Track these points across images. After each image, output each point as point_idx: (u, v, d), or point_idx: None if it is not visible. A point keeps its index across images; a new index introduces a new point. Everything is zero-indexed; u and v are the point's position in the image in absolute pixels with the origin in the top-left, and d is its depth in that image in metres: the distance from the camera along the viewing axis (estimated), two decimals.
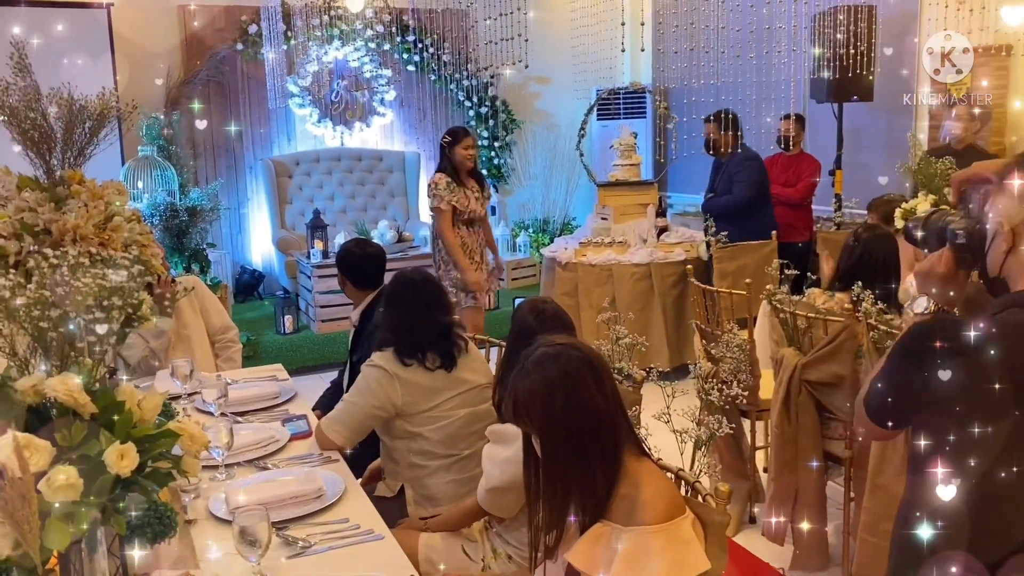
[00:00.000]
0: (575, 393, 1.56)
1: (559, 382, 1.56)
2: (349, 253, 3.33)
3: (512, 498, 2.15)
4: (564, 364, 1.58)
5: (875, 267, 3.15)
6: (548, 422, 1.57)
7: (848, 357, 3.01)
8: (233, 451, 2.35)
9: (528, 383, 1.59)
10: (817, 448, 3.17)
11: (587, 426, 1.57)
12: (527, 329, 2.19)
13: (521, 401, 1.59)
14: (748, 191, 5.29)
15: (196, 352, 3.50)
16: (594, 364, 1.60)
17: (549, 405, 1.56)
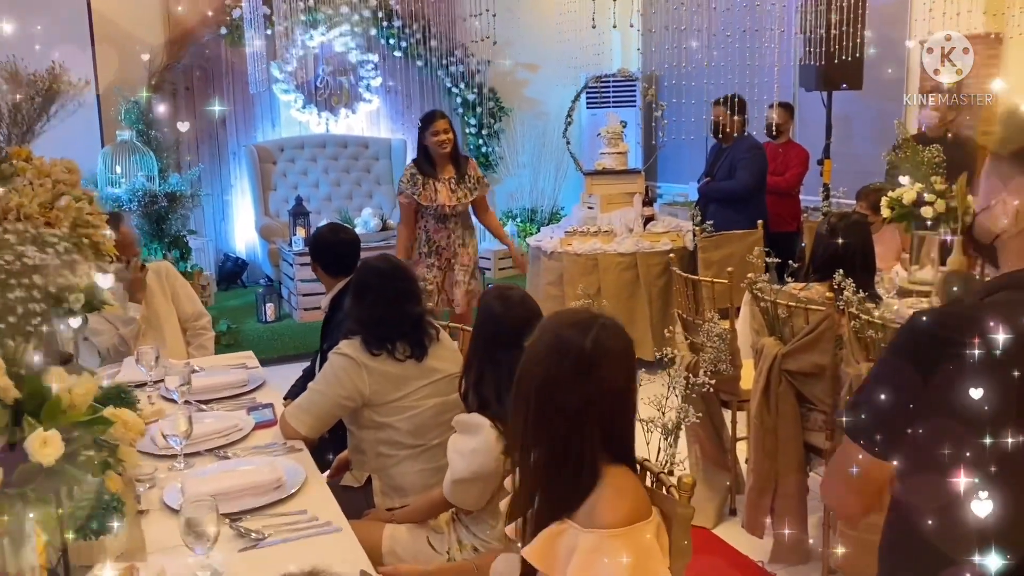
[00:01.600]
0: (556, 384, 1.50)
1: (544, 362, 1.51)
2: (321, 238, 3.27)
3: (478, 490, 2.09)
4: (563, 347, 1.51)
5: (852, 257, 3.10)
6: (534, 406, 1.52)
7: (829, 347, 2.95)
8: (194, 439, 2.29)
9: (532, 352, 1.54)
10: (797, 439, 3.12)
11: (562, 421, 1.50)
12: (492, 315, 2.13)
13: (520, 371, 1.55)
14: (750, 179, 5.25)
15: (167, 339, 3.43)
16: (590, 355, 1.51)
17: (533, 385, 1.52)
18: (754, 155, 5.30)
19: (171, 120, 6.66)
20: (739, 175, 5.28)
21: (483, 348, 2.13)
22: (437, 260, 4.59)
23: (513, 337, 2.08)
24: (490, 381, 2.09)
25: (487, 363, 2.11)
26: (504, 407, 2.05)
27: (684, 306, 3.86)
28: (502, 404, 2.05)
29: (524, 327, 2.10)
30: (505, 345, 2.09)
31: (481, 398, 2.11)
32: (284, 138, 7.22)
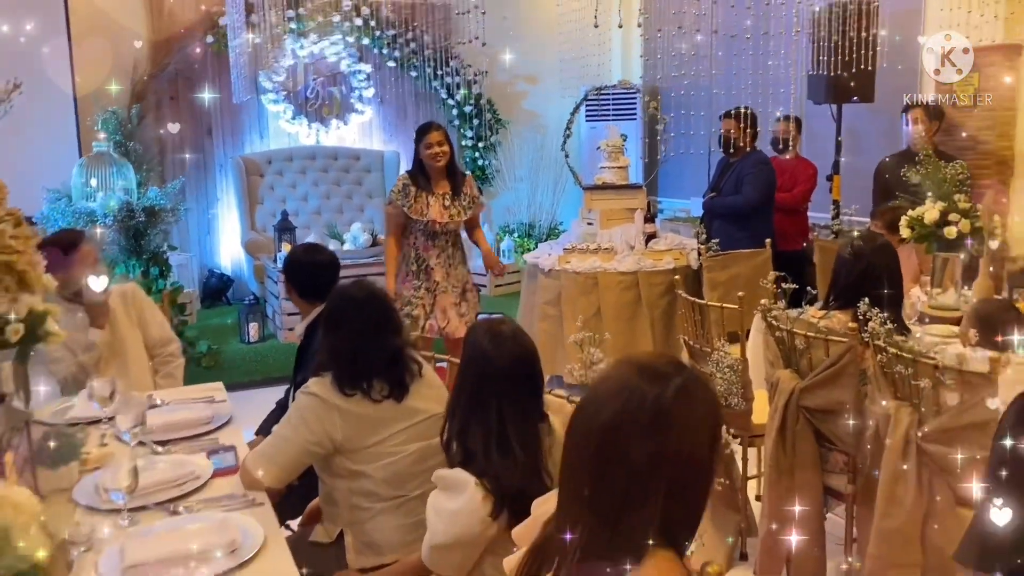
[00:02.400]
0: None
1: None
2: (296, 259, 3.00)
3: (459, 557, 1.82)
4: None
5: (879, 283, 2.84)
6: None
7: (851, 381, 2.70)
8: (143, 490, 2.02)
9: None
10: (816, 482, 2.86)
11: (622, 478, 1.23)
12: (480, 353, 1.87)
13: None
14: (757, 195, 4.99)
15: (131, 367, 3.16)
16: (670, 407, 1.23)
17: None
18: (761, 170, 5.05)
19: (154, 130, 6.42)
20: (744, 190, 5.03)
21: (469, 391, 1.87)
22: (426, 281, 4.28)
23: (504, 379, 1.83)
24: (477, 430, 1.83)
25: (474, 409, 1.85)
26: (492, 462, 1.78)
27: (690, 332, 3.59)
28: (490, 458, 1.78)
29: (517, 367, 1.85)
30: (495, 388, 1.83)
31: (466, 450, 1.84)
32: (272, 150, 6.97)
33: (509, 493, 1.75)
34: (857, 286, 2.84)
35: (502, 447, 1.79)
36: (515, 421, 1.81)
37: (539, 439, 1.84)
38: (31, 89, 5.59)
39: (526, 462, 1.79)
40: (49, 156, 5.46)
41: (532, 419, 1.85)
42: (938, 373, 2.39)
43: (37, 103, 5.62)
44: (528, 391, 1.86)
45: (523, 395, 1.84)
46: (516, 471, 1.77)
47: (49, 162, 5.45)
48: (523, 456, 1.79)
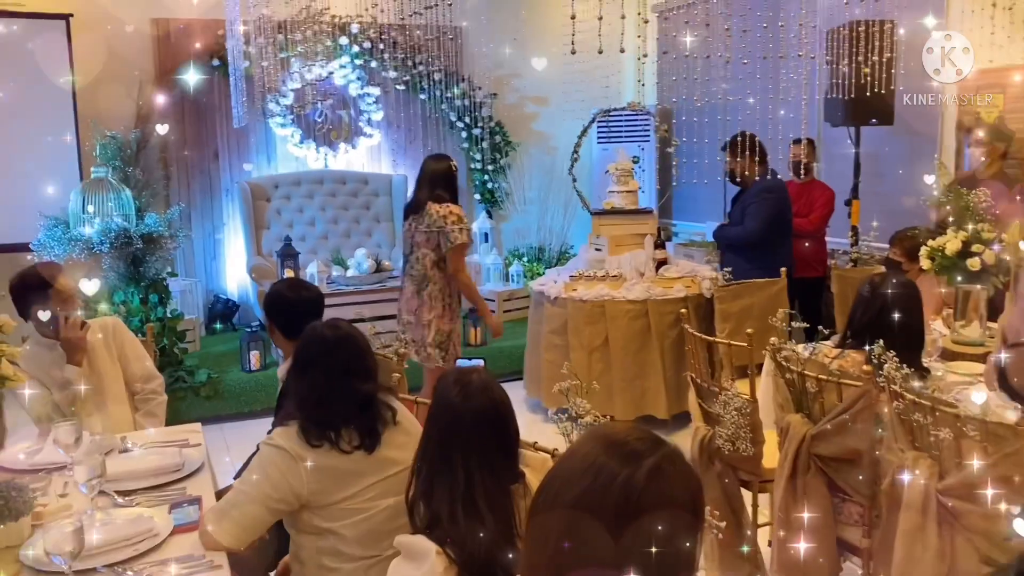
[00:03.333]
0: None
1: None
2: (278, 295, 2.85)
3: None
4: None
5: (897, 325, 2.65)
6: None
7: (867, 428, 2.51)
8: (93, 550, 1.88)
9: None
10: (829, 535, 2.66)
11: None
12: (447, 406, 1.71)
13: None
14: (758, 226, 4.75)
15: (111, 405, 3.03)
16: (640, 493, 1.10)
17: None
18: (764, 200, 4.78)
19: (160, 155, 6.35)
20: (746, 222, 4.81)
21: (435, 446, 1.71)
22: (455, 307, 4.27)
23: (472, 434, 1.67)
24: (443, 490, 1.66)
25: (440, 466, 1.68)
26: (458, 526, 1.62)
27: (697, 369, 3.41)
28: (456, 523, 1.62)
29: (486, 422, 1.69)
30: (462, 444, 1.67)
31: (432, 513, 1.67)
32: (279, 174, 6.88)
33: (476, 561, 1.59)
34: (874, 325, 2.65)
35: (468, 510, 1.63)
36: (484, 481, 1.65)
37: (511, 502, 1.68)
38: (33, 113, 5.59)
39: (496, 527, 1.62)
40: (49, 182, 5.39)
41: (503, 480, 1.68)
42: (960, 423, 2.20)
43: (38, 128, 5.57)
44: (499, 448, 1.70)
45: (493, 453, 1.68)
46: (484, 537, 1.60)
47: (49, 188, 5.38)
48: (492, 521, 1.62)
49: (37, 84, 5.48)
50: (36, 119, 5.50)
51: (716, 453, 3.07)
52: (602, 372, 4.91)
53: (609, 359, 4.92)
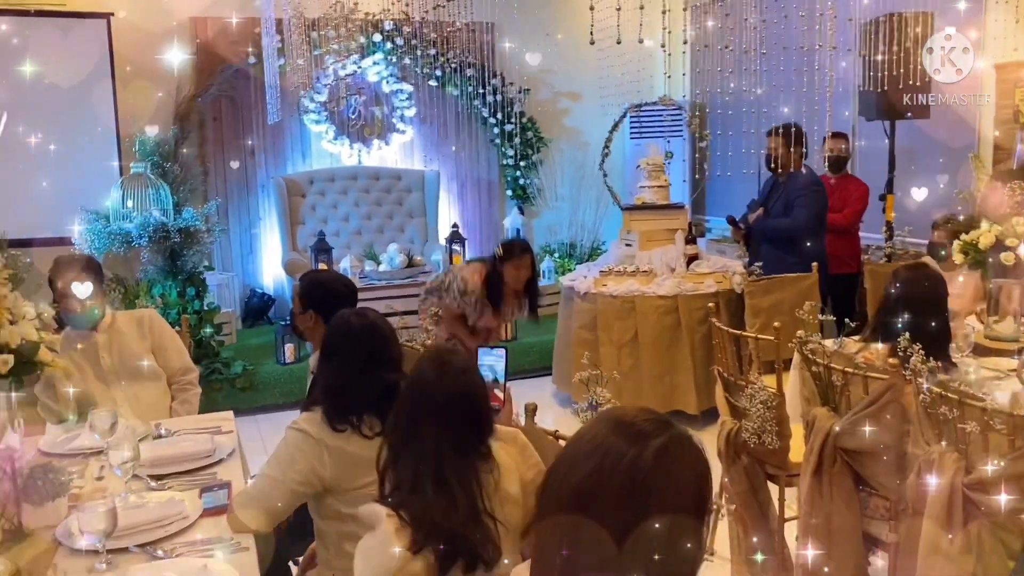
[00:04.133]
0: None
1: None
2: (323, 284, 2.88)
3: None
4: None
5: (921, 314, 2.63)
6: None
7: (893, 422, 2.49)
8: (125, 531, 1.94)
9: None
10: (855, 529, 2.65)
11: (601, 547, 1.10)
12: (423, 379, 1.75)
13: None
14: (809, 218, 4.74)
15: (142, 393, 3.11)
16: (647, 473, 1.12)
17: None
18: (813, 191, 4.79)
19: (198, 151, 6.47)
20: (796, 213, 4.77)
21: (407, 420, 1.73)
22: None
23: (443, 411, 1.71)
24: (408, 462, 1.69)
25: (408, 439, 1.71)
26: (417, 497, 1.65)
27: (725, 363, 3.40)
28: (419, 493, 1.65)
29: (457, 402, 1.72)
30: (433, 420, 1.70)
31: (395, 481, 1.71)
32: (314, 170, 6.97)
33: (442, 533, 1.63)
34: (895, 317, 2.64)
35: (435, 482, 1.67)
36: (454, 459, 1.69)
37: (477, 478, 1.71)
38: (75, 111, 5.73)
39: (461, 501, 1.66)
40: (90, 178, 5.52)
41: (469, 456, 1.72)
42: (986, 416, 2.18)
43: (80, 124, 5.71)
44: (467, 428, 1.73)
45: (461, 431, 1.71)
46: (454, 512, 1.65)
47: (90, 184, 5.52)
48: (463, 496, 1.66)
49: (79, 82, 5.61)
50: (77, 116, 5.64)
51: (742, 447, 3.07)
52: (631, 367, 4.91)
53: (639, 354, 4.92)
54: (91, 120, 5.69)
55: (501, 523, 1.71)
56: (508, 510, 1.74)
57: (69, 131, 5.58)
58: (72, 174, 5.51)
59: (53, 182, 5.30)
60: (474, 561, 1.65)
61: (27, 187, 5.51)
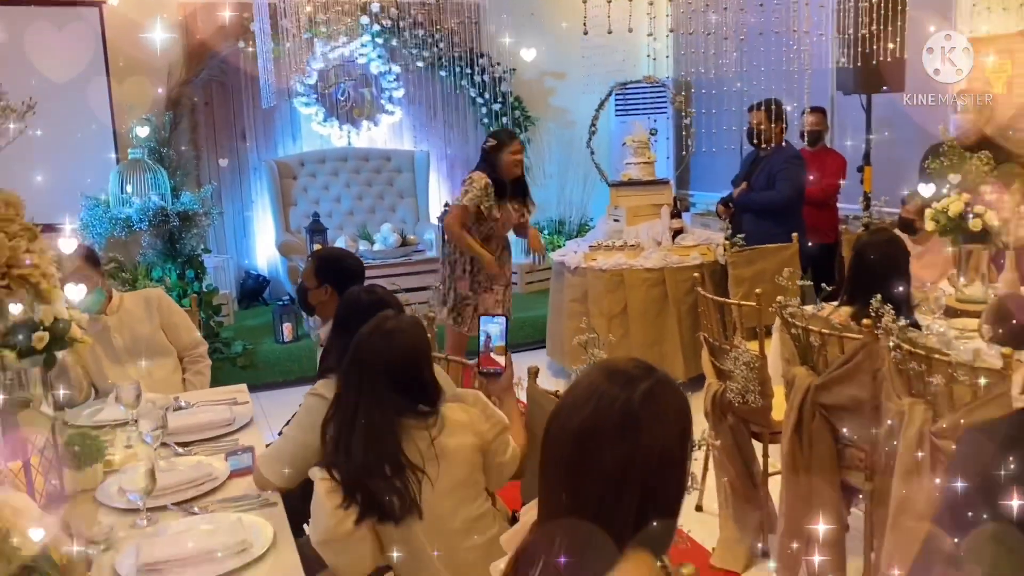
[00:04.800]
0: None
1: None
2: (340, 260, 3.05)
3: (338, 551, 1.93)
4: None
5: (878, 277, 2.86)
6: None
7: (867, 378, 2.68)
8: (162, 491, 2.10)
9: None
10: (833, 479, 2.85)
11: (596, 482, 1.26)
12: (356, 341, 2.00)
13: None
14: (792, 190, 4.95)
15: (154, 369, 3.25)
16: (638, 410, 1.25)
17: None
18: (795, 165, 4.99)
19: (190, 136, 6.57)
20: (780, 186, 4.96)
21: (343, 378, 2.00)
22: (482, 280, 4.45)
23: (366, 369, 1.96)
24: (338, 417, 1.96)
25: (340, 400, 1.99)
26: (340, 455, 1.90)
27: (711, 329, 3.59)
28: (338, 450, 1.91)
29: (383, 364, 1.96)
30: (358, 377, 1.96)
31: (328, 439, 1.98)
32: (305, 152, 7.08)
33: (350, 483, 1.87)
34: (858, 281, 2.85)
35: (347, 437, 1.90)
36: (368, 414, 1.90)
37: (392, 434, 1.92)
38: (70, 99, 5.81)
39: (366, 455, 1.88)
40: (88, 164, 5.62)
41: (388, 413, 1.92)
42: (951, 369, 2.37)
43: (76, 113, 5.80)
44: (394, 387, 1.93)
45: (386, 390, 1.92)
46: (356, 462, 1.87)
47: (88, 170, 5.62)
48: (363, 447, 1.88)
49: (73, 70, 5.70)
50: (73, 104, 5.72)
51: (728, 407, 3.26)
52: (621, 338, 5.09)
53: (628, 325, 5.10)
54: (86, 108, 5.78)
55: (429, 477, 1.91)
56: (445, 466, 1.95)
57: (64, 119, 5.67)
58: (70, 162, 5.61)
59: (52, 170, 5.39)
60: (383, 510, 1.87)
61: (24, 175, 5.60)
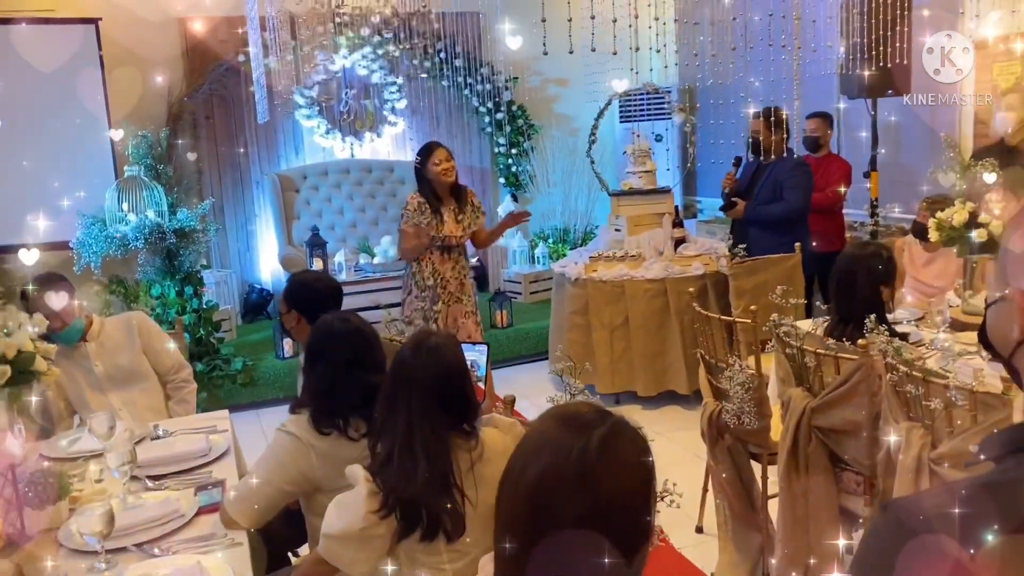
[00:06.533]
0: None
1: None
2: (302, 282, 2.96)
3: (350, 552, 1.83)
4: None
5: (851, 289, 2.84)
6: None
7: (864, 401, 2.58)
8: (124, 530, 2.04)
9: None
10: (831, 504, 2.74)
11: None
12: (400, 360, 1.90)
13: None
14: (802, 200, 4.84)
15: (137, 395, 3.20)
16: (595, 460, 1.19)
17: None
18: (802, 173, 4.87)
19: (191, 151, 6.53)
20: (789, 195, 4.83)
21: (387, 396, 1.90)
22: (443, 292, 4.40)
23: (416, 387, 1.87)
24: (388, 435, 1.87)
25: (388, 414, 1.88)
26: (392, 467, 1.82)
27: (707, 346, 3.49)
28: (391, 461, 1.83)
29: (430, 378, 1.87)
30: (407, 395, 1.86)
31: (376, 452, 1.90)
32: (307, 165, 7.04)
33: (403, 498, 1.78)
34: (837, 296, 2.88)
35: (404, 453, 1.81)
36: (423, 431, 1.83)
37: (448, 453, 1.85)
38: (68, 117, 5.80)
39: (429, 472, 1.80)
40: (85, 182, 5.60)
41: (441, 431, 1.85)
42: (950, 393, 2.26)
43: (73, 131, 5.78)
44: (442, 404, 1.86)
45: (436, 407, 1.85)
46: (415, 478, 1.79)
47: (88, 188, 5.59)
48: (426, 465, 1.80)
49: (71, 88, 5.68)
50: (71, 121, 5.70)
51: (724, 428, 3.16)
52: (624, 350, 5.00)
53: (630, 337, 5.01)
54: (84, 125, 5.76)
55: (470, 501, 1.82)
56: (483, 492, 1.84)
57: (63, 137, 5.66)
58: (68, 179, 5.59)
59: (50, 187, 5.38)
60: (434, 527, 1.78)
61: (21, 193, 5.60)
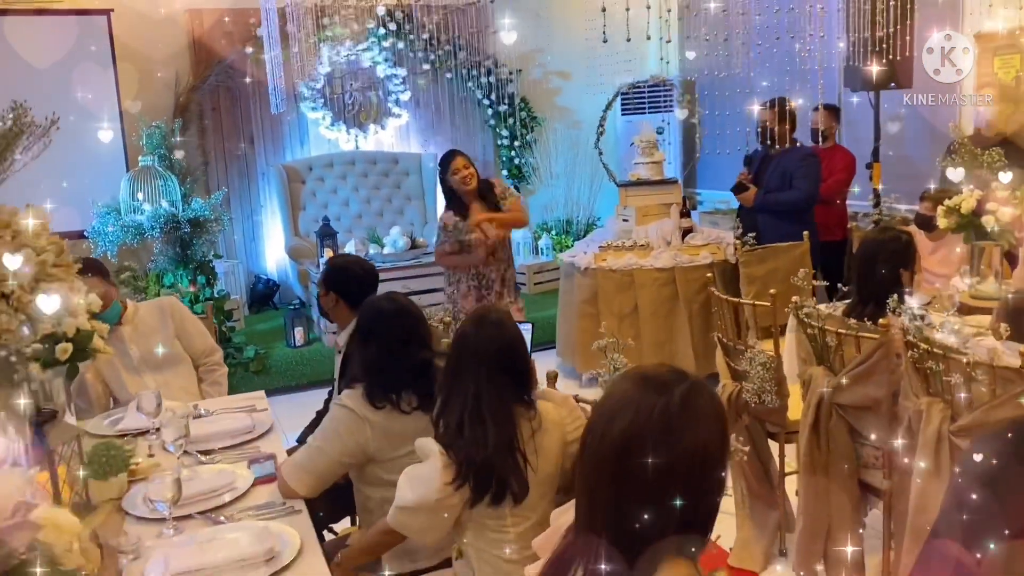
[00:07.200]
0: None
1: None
2: (342, 266, 3.05)
3: (421, 522, 1.93)
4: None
5: (872, 271, 2.93)
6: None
7: (884, 378, 2.69)
8: (186, 500, 2.12)
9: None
10: (851, 478, 2.85)
11: (636, 490, 1.26)
12: (463, 334, 2.01)
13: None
14: (813, 189, 4.94)
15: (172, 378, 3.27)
16: (678, 413, 1.25)
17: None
18: (811, 163, 4.98)
19: (199, 142, 6.59)
20: (800, 184, 4.93)
21: (452, 369, 2.00)
22: (487, 292, 4.36)
23: (481, 358, 1.96)
24: (455, 406, 1.96)
25: (454, 385, 1.98)
26: (463, 437, 1.92)
27: (724, 330, 3.59)
28: (462, 434, 1.92)
29: (494, 350, 1.97)
30: (472, 367, 1.96)
31: (446, 425, 1.97)
32: (313, 156, 7.10)
33: (475, 464, 1.89)
34: (859, 278, 2.95)
35: (474, 421, 1.91)
36: (490, 399, 1.93)
37: (513, 420, 1.96)
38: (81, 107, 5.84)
39: (497, 437, 1.90)
40: (99, 172, 5.65)
41: (507, 400, 1.96)
42: (969, 368, 2.38)
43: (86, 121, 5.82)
44: (506, 374, 1.96)
45: (500, 377, 1.95)
46: (485, 443, 1.90)
47: (99, 178, 5.65)
48: (495, 431, 1.90)
49: (82, 78, 5.72)
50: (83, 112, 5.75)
51: (743, 408, 3.26)
52: (632, 338, 5.08)
53: (639, 325, 5.11)
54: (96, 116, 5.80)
55: (531, 466, 1.92)
56: (541, 460, 1.94)
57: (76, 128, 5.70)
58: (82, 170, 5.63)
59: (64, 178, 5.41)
60: (502, 490, 1.88)
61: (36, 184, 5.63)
